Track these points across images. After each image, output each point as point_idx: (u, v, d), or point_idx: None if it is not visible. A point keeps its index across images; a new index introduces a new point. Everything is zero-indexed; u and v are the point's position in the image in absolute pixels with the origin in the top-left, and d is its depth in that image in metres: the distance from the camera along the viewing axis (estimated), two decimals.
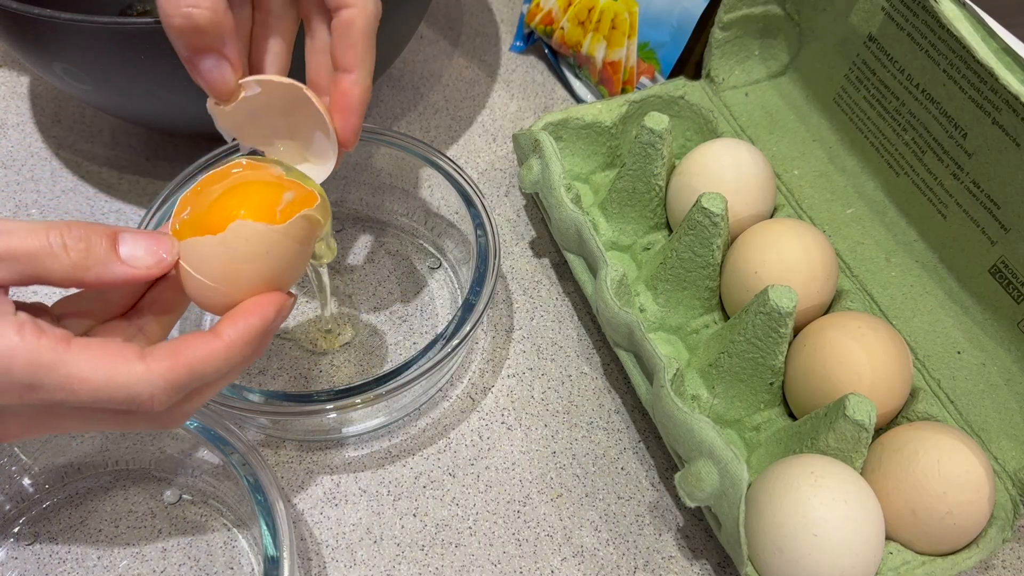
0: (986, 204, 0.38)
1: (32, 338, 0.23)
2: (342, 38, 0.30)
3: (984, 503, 0.33)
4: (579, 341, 0.45)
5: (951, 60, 0.38)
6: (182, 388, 0.25)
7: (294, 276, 0.29)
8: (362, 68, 0.31)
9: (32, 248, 0.24)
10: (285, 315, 0.28)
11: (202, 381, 0.25)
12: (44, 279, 0.24)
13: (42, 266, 0.24)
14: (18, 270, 0.24)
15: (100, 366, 0.24)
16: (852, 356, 0.36)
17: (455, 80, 0.57)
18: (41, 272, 0.24)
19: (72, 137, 0.52)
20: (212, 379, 0.26)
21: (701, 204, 0.39)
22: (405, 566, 0.37)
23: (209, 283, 0.27)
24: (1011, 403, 0.37)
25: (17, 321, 0.23)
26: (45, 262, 0.24)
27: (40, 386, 0.23)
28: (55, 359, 0.23)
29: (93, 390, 0.23)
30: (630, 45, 0.51)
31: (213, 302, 0.27)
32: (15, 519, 0.37)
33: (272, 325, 0.27)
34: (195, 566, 0.36)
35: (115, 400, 0.24)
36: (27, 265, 0.24)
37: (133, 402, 0.24)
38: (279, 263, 0.28)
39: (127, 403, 0.24)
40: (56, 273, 0.24)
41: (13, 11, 0.36)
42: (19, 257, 0.23)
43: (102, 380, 0.23)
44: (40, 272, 0.24)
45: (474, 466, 0.40)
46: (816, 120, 0.48)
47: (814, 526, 0.31)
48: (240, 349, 0.26)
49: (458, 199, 0.42)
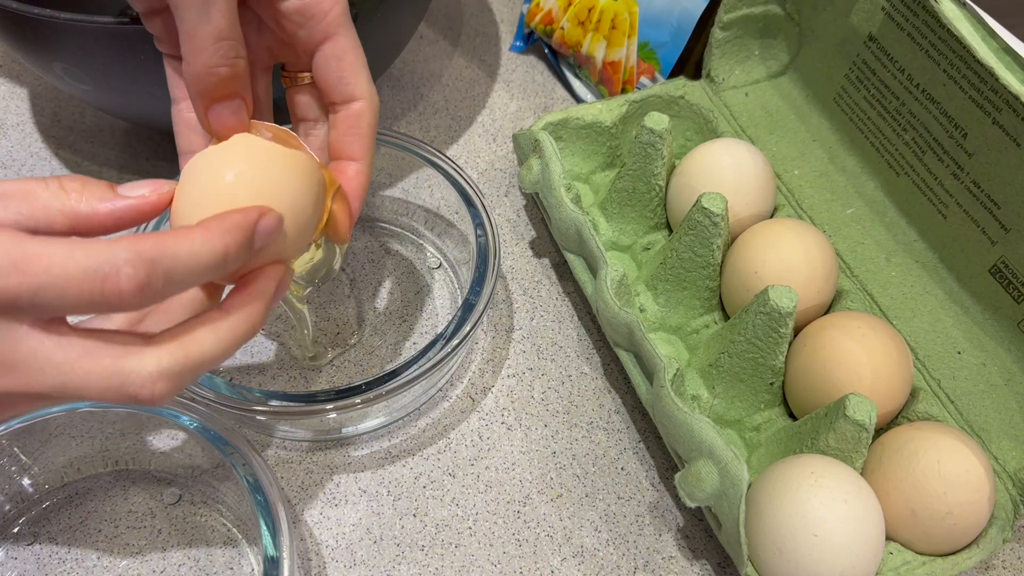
0: (986, 204, 0.38)
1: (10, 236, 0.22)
2: (351, 128, 0.31)
3: (984, 503, 0.33)
4: (579, 341, 0.45)
5: (951, 60, 0.38)
6: (151, 264, 0.22)
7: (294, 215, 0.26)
8: (367, 158, 0.32)
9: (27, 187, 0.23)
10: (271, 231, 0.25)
11: (174, 262, 0.23)
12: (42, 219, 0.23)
13: (38, 202, 0.23)
14: (15, 208, 0.23)
15: (59, 244, 0.22)
16: (852, 356, 0.36)
17: (455, 80, 0.57)
18: (38, 210, 0.23)
19: (72, 137, 0.52)
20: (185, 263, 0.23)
21: (701, 204, 0.39)
22: (405, 566, 0.37)
23: (198, 198, 0.25)
24: (1011, 403, 0.37)
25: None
26: (41, 197, 0.23)
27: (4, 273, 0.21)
28: (13, 239, 0.21)
29: (49, 266, 0.21)
30: (630, 45, 0.51)
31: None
32: (15, 519, 0.37)
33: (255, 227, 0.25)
34: (195, 566, 0.36)
35: (75, 278, 0.21)
36: (23, 202, 0.23)
37: (96, 277, 0.21)
38: (279, 190, 0.25)
39: (89, 280, 0.21)
40: (53, 209, 0.23)
41: (13, 11, 0.36)
42: (14, 194, 0.23)
43: (60, 255, 0.21)
44: (37, 210, 0.23)
45: (474, 466, 0.40)
46: (816, 120, 0.48)
47: (814, 526, 0.31)
48: (218, 236, 0.24)
49: (458, 199, 0.42)
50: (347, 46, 0.31)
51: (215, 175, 0.26)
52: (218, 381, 0.35)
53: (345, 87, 0.31)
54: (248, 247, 0.25)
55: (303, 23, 0.30)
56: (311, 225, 0.28)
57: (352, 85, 0.31)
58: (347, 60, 0.31)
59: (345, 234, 0.31)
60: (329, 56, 0.30)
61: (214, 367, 0.25)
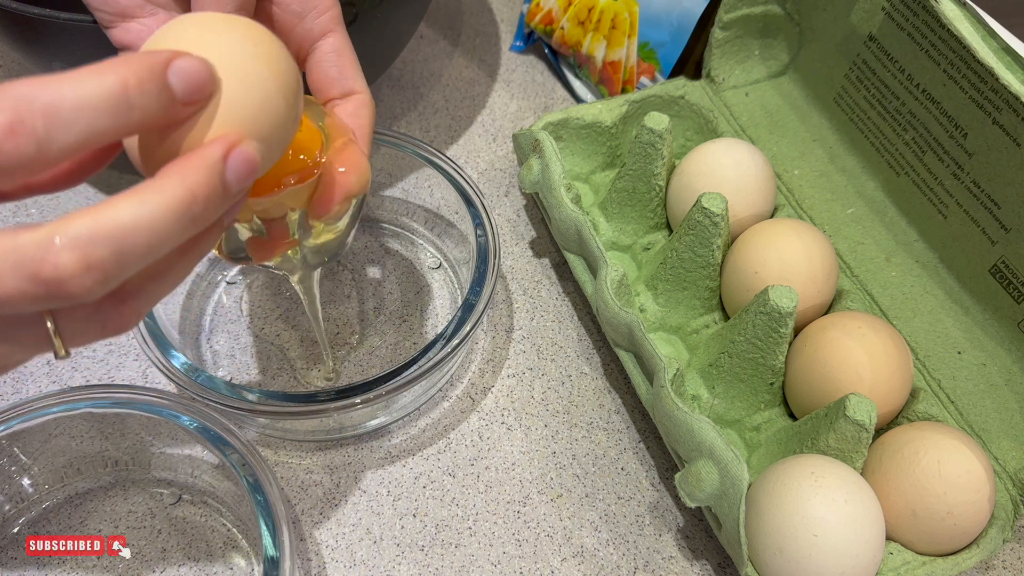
0: (986, 204, 0.38)
1: None
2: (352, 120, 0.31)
3: (984, 503, 0.33)
4: (579, 341, 0.45)
5: (951, 60, 0.38)
6: (45, 109, 0.18)
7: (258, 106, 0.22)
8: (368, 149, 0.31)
9: None
10: (199, 79, 0.21)
11: (74, 103, 0.19)
12: None
13: None
14: None
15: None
16: (852, 356, 0.36)
17: (455, 80, 0.57)
18: None
19: None
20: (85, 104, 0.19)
21: (701, 204, 0.39)
22: (405, 566, 0.37)
23: None
24: (1011, 403, 0.37)
25: None
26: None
27: None
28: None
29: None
30: (630, 45, 0.51)
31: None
32: (15, 519, 0.37)
33: (178, 73, 0.20)
34: (195, 566, 0.36)
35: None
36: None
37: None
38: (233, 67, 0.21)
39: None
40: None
41: (13, 11, 0.36)
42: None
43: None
44: None
45: (474, 466, 0.40)
46: (816, 120, 0.48)
47: (814, 526, 0.31)
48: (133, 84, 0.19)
49: (458, 199, 0.42)
50: (345, 42, 0.31)
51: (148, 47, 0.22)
52: (218, 381, 0.35)
53: (345, 81, 0.31)
54: (158, 85, 0.20)
55: (304, 15, 0.30)
56: (275, 100, 0.22)
57: (352, 79, 0.31)
58: (346, 55, 0.31)
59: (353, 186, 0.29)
60: (328, 51, 0.31)
61: (144, 247, 0.20)
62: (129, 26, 0.30)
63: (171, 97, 0.20)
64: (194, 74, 0.20)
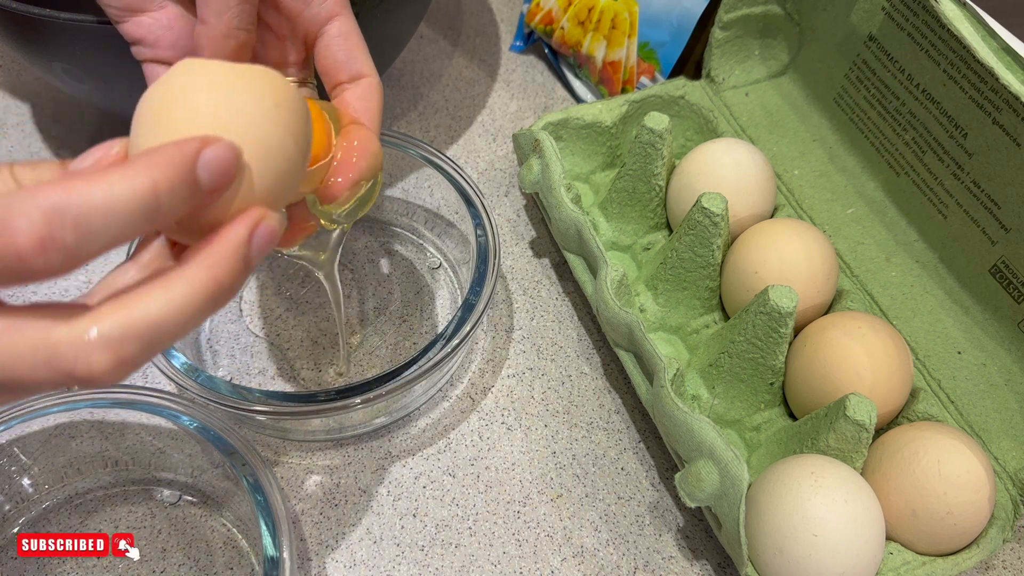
0: (986, 204, 0.38)
1: None
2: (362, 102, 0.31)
3: (984, 503, 0.33)
4: (579, 341, 0.45)
5: (951, 60, 0.38)
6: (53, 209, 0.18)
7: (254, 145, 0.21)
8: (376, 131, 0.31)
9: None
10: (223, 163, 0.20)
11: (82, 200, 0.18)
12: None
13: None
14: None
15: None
16: (852, 356, 0.36)
17: (455, 80, 0.57)
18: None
19: (72, 137, 0.52)
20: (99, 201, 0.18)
21: (701, 204, 0.39)
22: (405, 566, 0.37)
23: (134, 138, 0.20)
24: (1011, 403, 0.37)
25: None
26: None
27: None
28: None
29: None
30: (630, 45, 0.51)
31: None
32: (15, 519, 0.37)
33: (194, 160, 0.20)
34: (195, 566, 0.36)
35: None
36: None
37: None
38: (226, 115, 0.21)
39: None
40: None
41: (13, 11, 0.36)
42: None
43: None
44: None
45: (474, 466, 0.40)
46: (816, 120, 0.48)
47: (814, 526, 0.31)
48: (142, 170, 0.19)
49: (458, 199, 0.42)
50: (352, 25, 0.31)
51: (159, 113, 0.21)
52: (218, 381, 0.35)
53: (354, 63, 0.31)
54: (188, 185, 0.20)
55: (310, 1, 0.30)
56: (294, 159, 0.22)
57: (360, 62, 0.31)
58: (353, 38, 0.31)
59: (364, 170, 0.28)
60: (336, 35, 0.31)
61: (171, 337, 0.20)
62: (140, 20, 0.30)
63: (199, 190, 0.20)
64: (223, 164, 0.20)
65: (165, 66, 0.30)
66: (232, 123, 0.21)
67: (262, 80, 0.22)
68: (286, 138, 0.22)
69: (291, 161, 0.22)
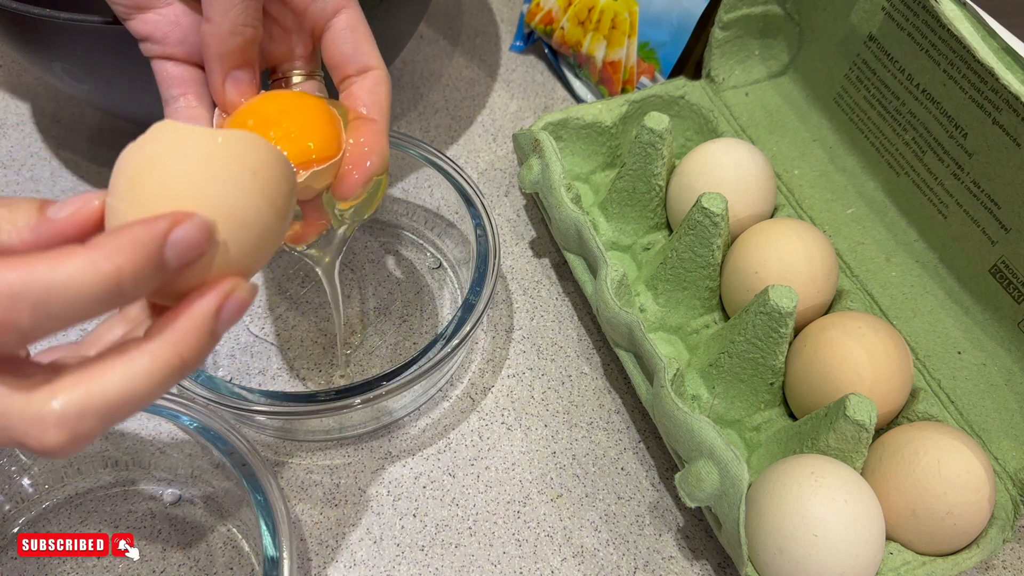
0: (986, 204, 0.38)
1: None
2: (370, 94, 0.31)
3: (984, 503, 0.33)
4: (579, 341, 0.45)
5: (951, 60, 0.38)
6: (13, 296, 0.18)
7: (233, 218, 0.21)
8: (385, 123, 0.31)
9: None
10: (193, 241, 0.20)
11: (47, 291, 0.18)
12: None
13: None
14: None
15: None
16: (852, 356, 0.36)
17: (455, 80, 0.57)
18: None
19: (72, 137, 0.52)
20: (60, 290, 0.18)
21: (701, 204, 0.39)
22: (405, 566, 0.37)
23: (113, 201, 0.20)
24: (1011, 403, 0.37)
25: None
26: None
27: None
28: None
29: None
30: (630, 45, 0.51)
31: None
32: (15, 519, 0.37)
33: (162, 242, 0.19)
34: (195, 566, 0.36)
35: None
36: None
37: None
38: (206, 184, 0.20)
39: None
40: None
41: (13, 11, 0.36)
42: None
43: None
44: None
45: (474, 466, 0.40)
46: (816, 120, 0.48)
47: (814, 526, 0.31)
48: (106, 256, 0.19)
49: (458, 199, 0.42)
50: (359, 17, 0.31)
51: (132, 180, 0.21)
52: (218, 381, 0.35)
53: (362, 56, 0.31)
54: (155, 267, 0.19)
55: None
56: (272, 226, 0.22)
57: (368, 55, 0.31)
58: (360, 31, 0.31)
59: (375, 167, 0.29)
60: (343, 27, 0.31)
61: (130, 411, 0.20)
62: (147, 17, 0.30)
63: (166, 270, 0.20)
64: (192, 243, 0.20)
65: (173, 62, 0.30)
66: (206, 194, 0.20)
67: (239, 147, 0.21)
68: (263, 206, 0.21)
69: (268, 228, 0.22)
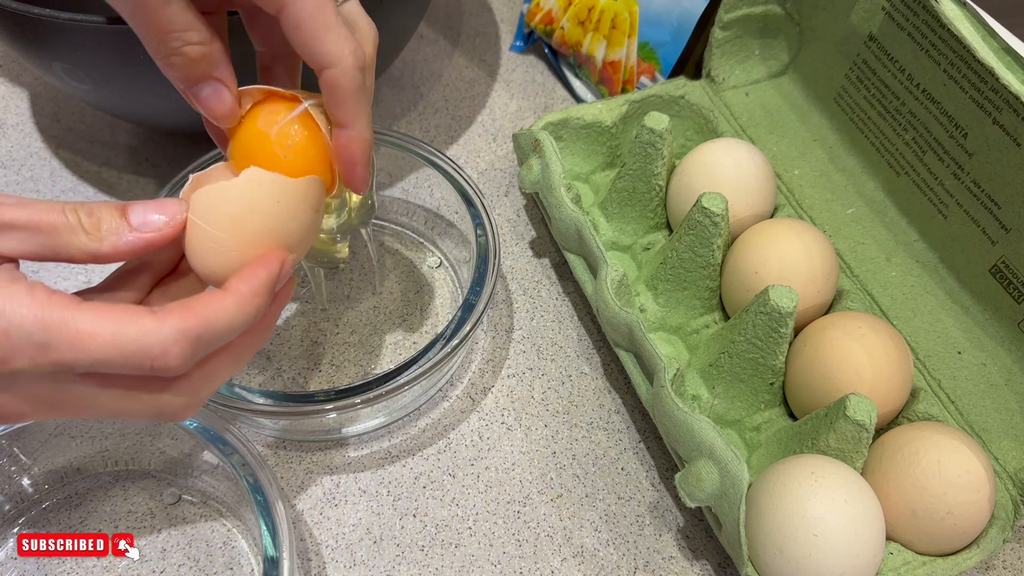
0: (987, 204, 0.38)
1: (43, 296, 0.23)
2: (330, 97, 0.29)
3: (984, 503, 0.33)
4: (579, 341, 0.45)
5: (951, 60, 0.38)
6: (196, 341, 0.24)
7: (300, 242, 0.29)
8: (357, 122, 0.30)
9: (53, 221, 0.24)
10: (289, 272, 0.28)
11: (215, 335, 0.25)
12: (62, 253, 0.25)
13: (61, 240, 0.25)
14: (39, 242, 0.24)
15: (109, 319, 0.23)
16: (852, 356, 0.36)
17: (455, 80, 0.57)
18: (60, 246, 0.25)
19: (72, 137, 0.52)
20: (223, 333, 0.25)
21: (701, 204, 0.39)
22: (405, 566, 0.37)
23: (214, 231, 0.26)
24: (1012, 403, 0.37)
25: (28, 284, 0.23)
26: (64, 236, 0.25)
27: (50, 346, 0.23)
28: (64, 316, 0.23)
29: (102, 345, 0.23)
30: (630, 45, 0.51)
31: (216, 259, 0.27)
32: (15, 519, 0.37)
33: (278, 279, 0.27)
34: (195, 566, 0.36)
35: (127, 355, 0.23)
36: (48, 237, 0.24)
37: (146, 356, 0.24)
38: (288, 220, 0.27)
39: (140, 358, 0.24)
40: (73, 246, 0.25)
41: (13, 11, 0.36)
42: (42, 228, 0.24)
43: (110, 333, 0.23)
44: (59, 246, 0.25)
45: (474, 466, 0.40)
46: (816, 120, 0.48)
47: (814, 526, 0.31)
48: (250, 300, 0.26)
49: (458, 199, 0.42)
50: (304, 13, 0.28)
51: (235, 217, 0.27)
52: None
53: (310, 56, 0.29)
54: (272, 295, 0.27)
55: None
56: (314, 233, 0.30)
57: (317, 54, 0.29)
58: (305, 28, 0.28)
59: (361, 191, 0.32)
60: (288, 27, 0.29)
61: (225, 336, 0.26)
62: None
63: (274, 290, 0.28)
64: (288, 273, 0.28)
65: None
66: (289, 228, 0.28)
67: (307, 188, 0.28)
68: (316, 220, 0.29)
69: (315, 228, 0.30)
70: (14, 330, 0.23)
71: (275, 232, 0.27)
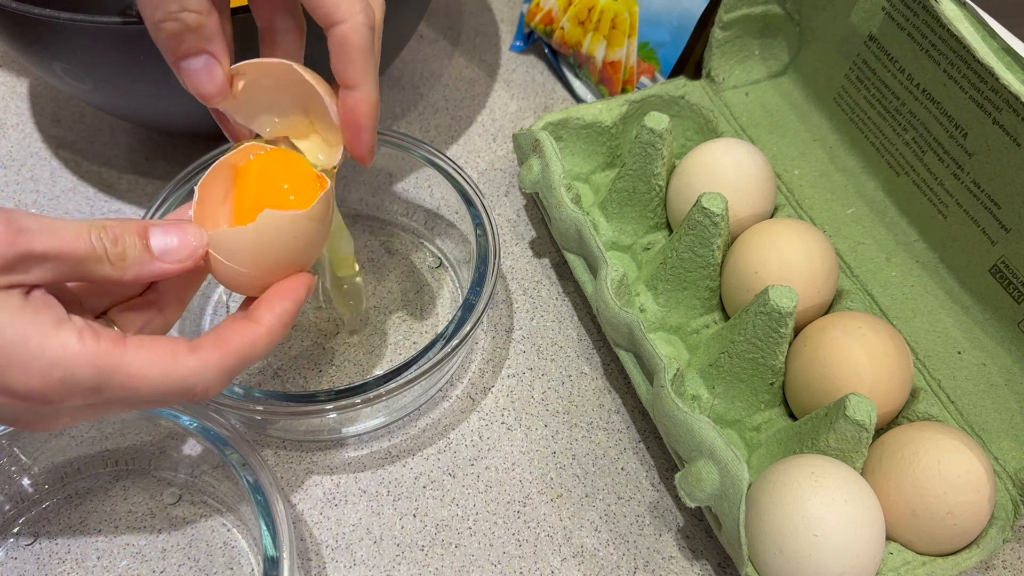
0: (986, 204, 0.38)
1: (92, 343, 0.24)
2: (339, 55, 0.29)
3: (984, 503, 0.33)
4: (579, 341, 0.45)
5: (951, 60, 0.38)
6: (232, 374, 0.27)
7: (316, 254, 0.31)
8: (365, 83, 0.29)
9: (80, 252, 0.25)
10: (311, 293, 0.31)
11: (247, 363, 0.28)
12: (87, 279, 0.26)
13: (86, 268, 0.25)
14: (65, 271, 0.25)
15: (157, 363, 0.25)
16: (852, 356, 0.36)
17: (455, 80, 0.57)
18: (84, 274, 0.25)
19: (72, 137, 0.52)
20: (255, 359, 0.28)
21: (701, 204, 0.39)
22: (405, 566, 0.37)
23: (241, 269, 0.29)
24: (1012, 403, 0.37)
25: (75, 327, 0.24)
26: (88, 265, 0.25)
27: (104, 388, 0.24)
28: (115, 362, 0.24)
29: (153, 387, 0.25)
30: (630, 45, 0.51)
31: (243, 285, 0.30)
32: (15, 519, 0.37)
33: (302, 304, 0.30)
34: (195, 566, 0.36)
35: (173, 393, 0.26)
36: (75, 266, 0.25)
37: (189, 393, 0.26)
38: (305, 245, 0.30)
39: (183, 395, 0.26)
40: (97, 274, 0.26)
41: (13, 11, 0.36)
42: (68, 259, 0.25)
43: (159, 376, 0.25)
44: (83, 274, 0.25)
45: (474, 466, 0.40)
46: (816, 120, 0.48)
47: (814, 526, 0.31)
48: (279, 331, 0.29)
49: (458, 199, 0.42)
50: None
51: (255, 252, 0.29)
52: None
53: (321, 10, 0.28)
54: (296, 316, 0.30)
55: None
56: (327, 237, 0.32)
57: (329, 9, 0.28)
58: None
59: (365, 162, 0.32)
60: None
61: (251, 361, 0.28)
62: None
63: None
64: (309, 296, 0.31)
65: None
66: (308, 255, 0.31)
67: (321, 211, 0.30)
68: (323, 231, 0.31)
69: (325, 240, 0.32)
70: (69, 378, 0.24)
71: (296, 261, 0.30)
